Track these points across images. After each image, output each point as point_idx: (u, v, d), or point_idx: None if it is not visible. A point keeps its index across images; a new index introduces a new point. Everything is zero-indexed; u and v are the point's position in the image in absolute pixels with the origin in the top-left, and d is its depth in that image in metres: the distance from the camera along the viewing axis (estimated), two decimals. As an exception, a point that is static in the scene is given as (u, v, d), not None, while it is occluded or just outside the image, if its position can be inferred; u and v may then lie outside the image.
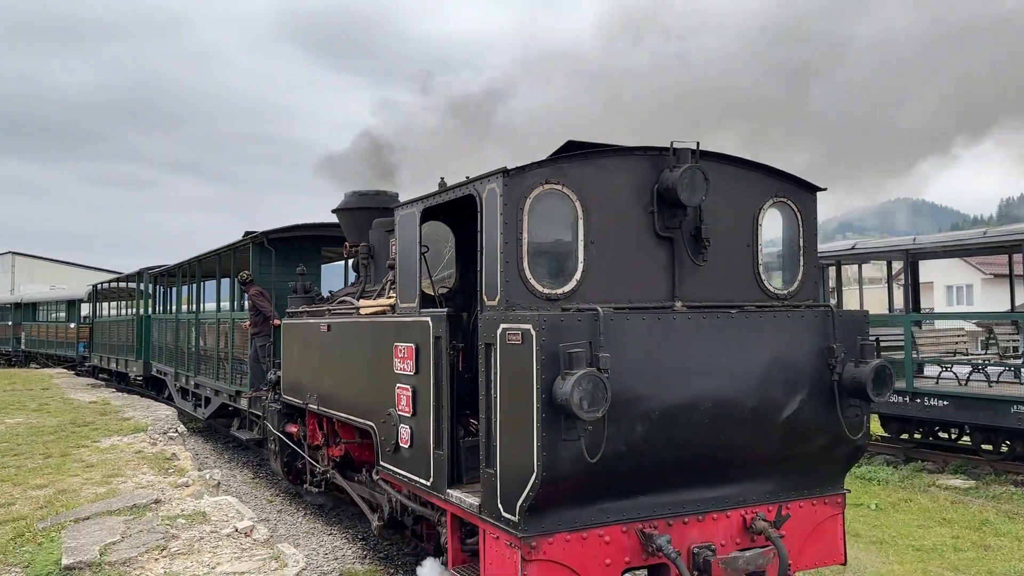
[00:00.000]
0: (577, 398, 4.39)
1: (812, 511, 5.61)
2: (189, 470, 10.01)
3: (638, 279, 5.25)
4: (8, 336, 42.42)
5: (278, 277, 11.27)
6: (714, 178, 5.31)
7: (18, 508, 8.55)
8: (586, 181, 5.09)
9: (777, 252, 6.01)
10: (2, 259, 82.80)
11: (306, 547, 8.20)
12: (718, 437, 5.11)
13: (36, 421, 14.57)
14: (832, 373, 5.43)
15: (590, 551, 4.80)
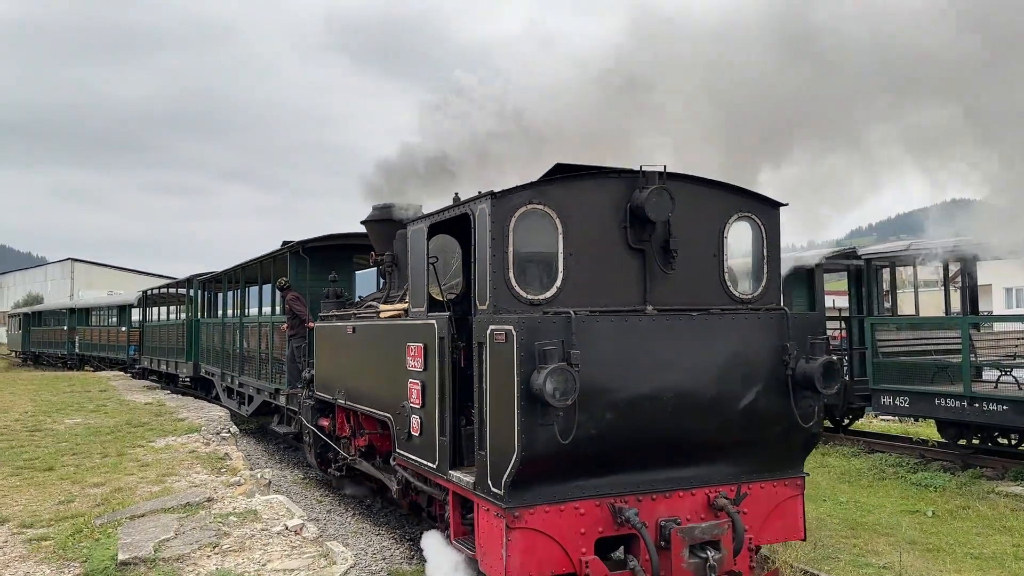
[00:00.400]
0: (550, 388, 5.18)
1: (773, 492, 6.34)
2: (241, 469, 10.19)
3: (613, 286, 6.00)
4: (63, 340, 44.10)
5: (313, 283, 12.03)
6: (681, 196, 6.06)
7: (76, 505, 8.79)
8: (565, 201, 5.85)
9: (744, 261, 6.71)
10: (62, 265, 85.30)
11: (354, 546, 8.30)
12: (681, 424, 5.86)
13: (94, 421, 14.96)
14: (786, 368, 6.13)
15: (566, 521, 5.57)
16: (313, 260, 12.30)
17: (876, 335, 12.90)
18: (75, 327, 42.57)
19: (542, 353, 5.30)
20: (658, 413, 5.78)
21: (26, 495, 9.37)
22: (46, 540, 7.59)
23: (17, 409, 16.92)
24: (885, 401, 12.69)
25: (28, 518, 8.33)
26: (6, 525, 8.12)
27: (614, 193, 6.03)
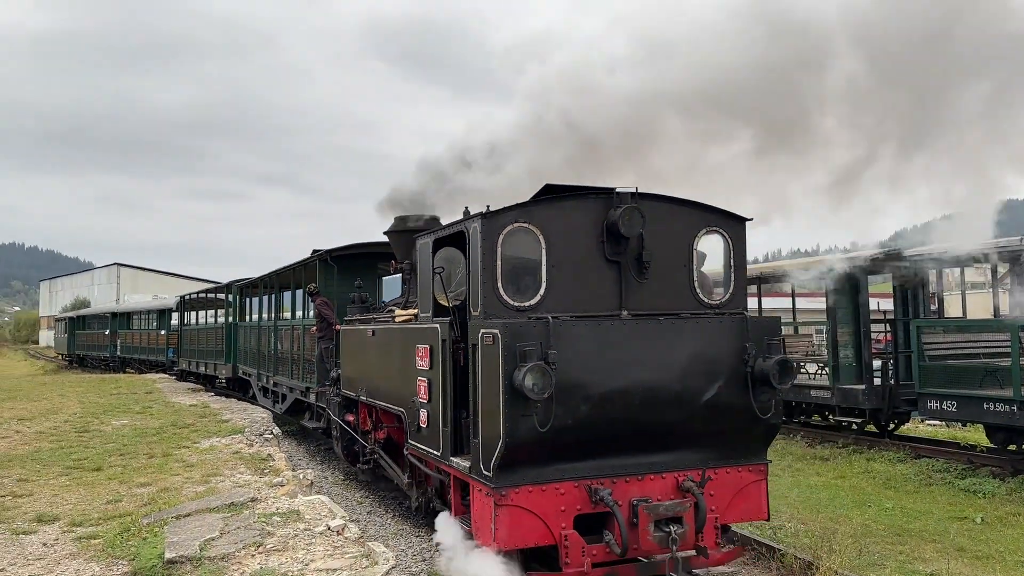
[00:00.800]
0: (529, 384, 5.93)
1: (737, 476, 6.98)
2: (284, 470, 10.31)
3: (591, 294, 6.71)
4: (106, 343, 45.65)
5: (340, 288, 12.78)
6: (652, 214, 6.78)
7: (124, 505, 8.96)
8: (548, 219, 6.59)
9: (714, 270, 7.45)
10: (108, 271, 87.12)
11: (395, 547, 8.35)
12: (651, 416, 6.56)
13: (140, 423, 15.24)
14: (746, 366, 6.79)
15: (548, 500, 6.29)
16: (340, 267, 13.19)
17: (922, 338, 12.67)
18: (117, 331, 44.13)
19: (523, 353, 6.05)
20: (630, 406, 6.49)
21: (75, 494, 9.56)
22: (95, 538, 7.74)
23: (66, 411, 17.30)
24: (932, 405, 12.45)
25: (78, 517, 8.50)
26: (56, 523, 8.30)
27: (592, 212, 6.75)
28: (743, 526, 9.40)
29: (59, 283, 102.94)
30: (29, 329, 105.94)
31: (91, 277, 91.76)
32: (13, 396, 20.97)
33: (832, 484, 11.97)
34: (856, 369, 14.58)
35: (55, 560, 7.15)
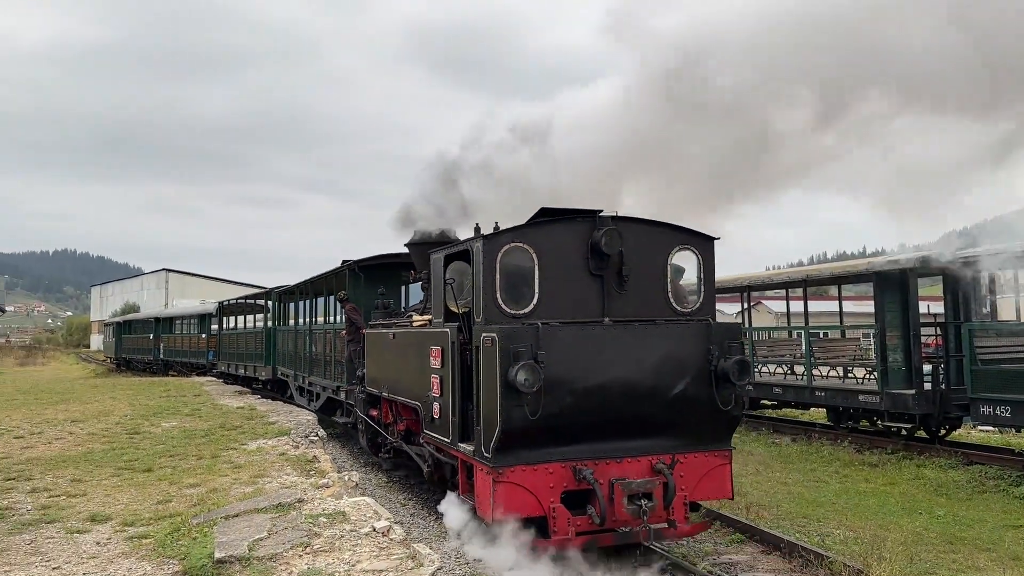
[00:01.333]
0: (520, 379, 7.01)
1: (704, 460, 7.99)
2: (329, 472, 10.41)
3: (578, 303, 7.75)
4: (150, 346, 47.54)
5: (366, 295, 13.78)
6: (631, 234, 7.83)
7: (174, 505, 9.12)
8: (540, 239, 7.66)
9: (688, 283, 8.52)
10: (157, 276, 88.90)
11: (438, 550, 8.35)
12: (628, 407, 7.58)
13: (189, 425, 15.51)
14: (710, 365, 7.80)
15: (539, 478, 7.33)
16: (367, 276, 14.26)
17: (975, 341, 12.38)
18: (160, 335, 45.83)
19: (516, 353, 7.13)
20: (610, 398, 7.52)
21: (127, 495, 9.77)
22: (146, 538, 7.89)
23: (117, 413, 17.67)
24: (985, 410, 12.16)
25: (129, 517, 8.68)
26: (109, 523, 8.48)
27: (578, 233, 7.79)
28: (788, 530, 9.29)
29: (109, 288, 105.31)
30: (81, 333, 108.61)
31: (140, 282, 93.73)
32: (66, 399, 21.48)
33: (881, 491, 11.75)
34: (905, 373, 14.29)
35: (108, 559, 7.31)
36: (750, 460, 14.12)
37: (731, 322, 8.86)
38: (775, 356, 18.51)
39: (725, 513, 10.00)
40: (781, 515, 10.35)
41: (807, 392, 16.28)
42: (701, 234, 8.35)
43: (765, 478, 12.64)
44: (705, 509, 10.07)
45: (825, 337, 19.61)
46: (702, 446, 8.01)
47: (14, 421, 16.51)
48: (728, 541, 9.23)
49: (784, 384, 17.11)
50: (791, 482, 12.39)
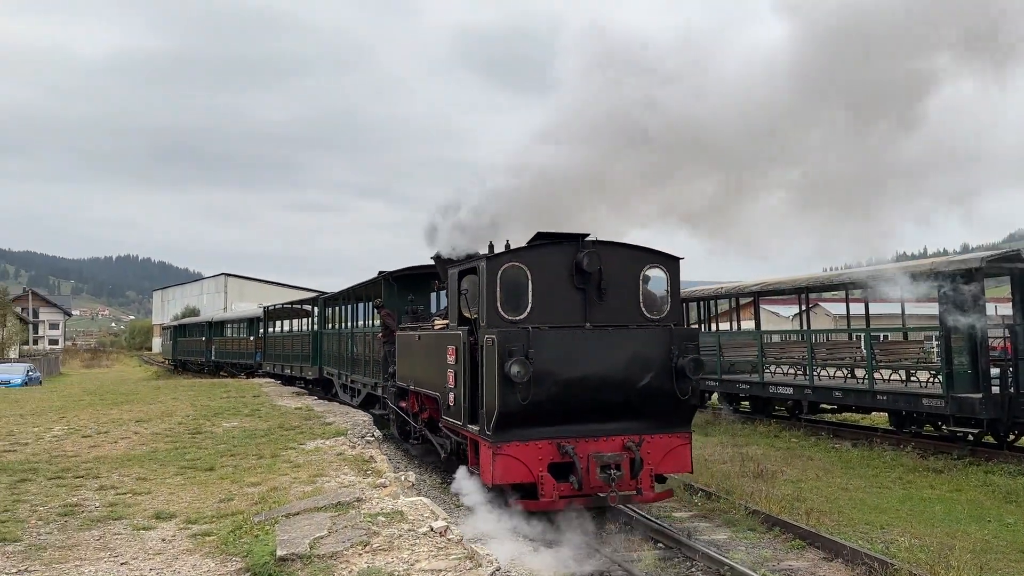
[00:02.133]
0: (513, 371, 8.77)
1: (667, 441, 9.64)
2: (386, 472, 10.51)
3: (564, 311, 9.48)
4: (203, 348, 50.25)
5: (399, 302, 15.51)
6: (608, 254, 9.58)
7: (236, 503, 9.29)
8: (533, 260, 9.44)
9: (658, 294, 10.10)
10: (216, 280, 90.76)
11: (494, 551, 8.35)
12: (603, 396, 9.31)
13: (249, 425, 15.80)
14: (671, 362, 9.52)
15: (530, 452, 9.08)
16: (400, 285, 15.98)
17: (1046, 344, 11.96)
18: (212, 338, 48.59)
19: (510, 351, 8.90)
20: (588, 388, 9.26)
21: (190, 493, 9.98)
22: (209, 535, 8.04)
23: (179, 413, 18.09)
24: (1057, 415, 11.73)
25: (193, 515, 8.86)
26: (173, 520, 8.67)
27: (564, 254, 9.53)
28: (850, 536, 9.10)
29: (170, 292, 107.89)
30: (143, 336, 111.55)
31: (200, 287, 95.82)
32: (130, 399, 22.06)
33: (947, 497, 11.43)
34: (972, 377, 13.86)
35: (173, 555, 7.47)
36: (810, 465, 13.86)
37: (689, 328, 10.82)
38: (835, 359, 18.14)
39: (784, 518, 9.85)
40: (843, 521, 10.14)
41: (868, 396, 15.92)
42: (668, 254, 10.11)
43: (825, 483, 12.40)
44: (764, 515, 9.99)
45: (886, 339, 19.16)
46: (665, 429, 9.67)
47: (82, 421, 17.01)
48: (788, 547, 9.07)
49: (844, 387, 16.76)
50: (852, 488, 12.13)
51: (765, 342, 20.04)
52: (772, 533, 9.59)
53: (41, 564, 7.18)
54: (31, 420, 17.41)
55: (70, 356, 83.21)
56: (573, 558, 8.53)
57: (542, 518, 9.43)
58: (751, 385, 19.63)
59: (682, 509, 10.94)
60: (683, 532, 9.54)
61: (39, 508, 9.17)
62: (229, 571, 6.96)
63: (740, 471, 13.07)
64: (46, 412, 19.10)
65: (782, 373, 19.25)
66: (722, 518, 10.31)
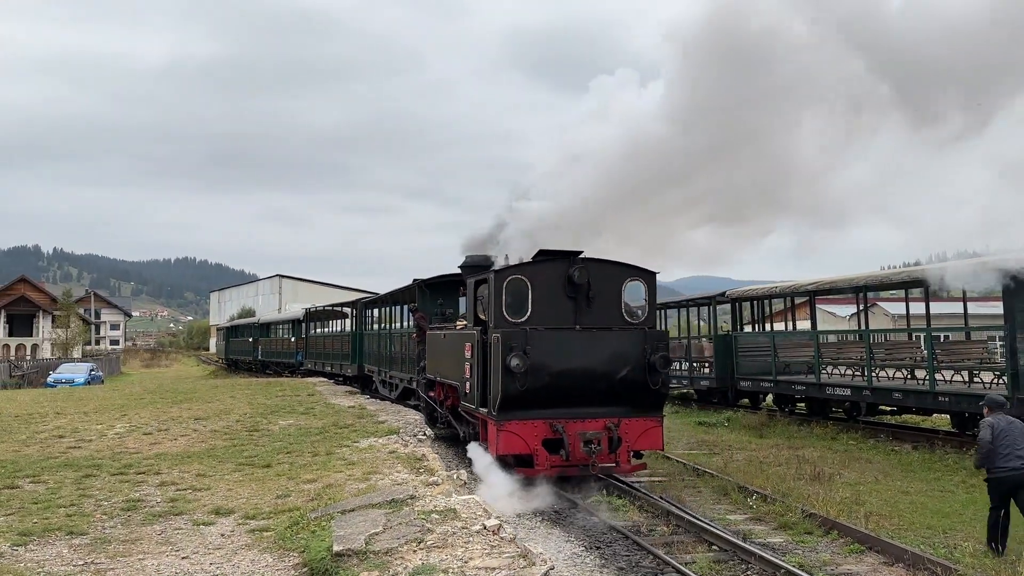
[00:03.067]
0: (513, 364, 10.81)
1: (642, 423, 11.55)
2: (438, 470, 10.58)
3: (557, 315, 11.48)
4: (250, 349, 53.11)
5: (431, 306, 17.39)
6: (595, 269, 11.60)
7: (292, 500, 9.43)
8: (533, 273, 11.53)
9: (637, 303, 12.07)
10: (271, 282, 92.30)
11: (545, 551, 8.34)
12: (589, 385, 11.30)
13: (304, 423, 16.05)
14: (645, 358, 11.46)
15: (527, 428, 11.07)
16: (432, 291, 17.82)
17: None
18: (258, 338, 51.47)
19: (511, 347, 10.97)
20: (576, 378, 11.26)
21: (248, 489, 10.16)
22: (267, 531, 8.18)
23: (237, 411, 18.44)
24: None
25: (251, 510, 9.02)
26: (232, 516, 8.84)
27: (559, 268, 11.57)
28: (911, 541, 8.89)
29: (227, 294, 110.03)
30: (201, 336, 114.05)
31: (255, 288, 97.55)
32: (190, 398, 22.56)
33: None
34: (1039, 378, 13.42)
35: (232, 550, 7.61)
36: (868, 468, 13.57)
37: (661, 331, 12.88)
38: (894, 359, 17.72)
39: (842, 521, 9.65)
40: (903, 525, 9.91)
41: (929, 397, 15.52)
42: (646, 269, 12.14)
43: (885, 487, 12.12)
44: (821, 518, 9.79)
45: (948, 339, 18.65)
46: (640, 413, 11.60)
47: (143, 419, 17.45)
48: (847, 551, 8.88)
49: (904, 389, 16.36)
50: (913, 491, 11.84)
51: (821, 342, 19.67)
52: (830, 537, 9.40)
53: (106, 557, 7.38)
54: (95, 418, 17.91)
55: (130, 356, 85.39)
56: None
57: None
58: (807, 386, 19.29)
59: (737, 511, 10.80)
60: (738, 534, 9.41)
61: (103, 503, 9.43)
62: (287, 566, 7.07)
63: (796, 474, 12.85)
64: (109, 410, 19.64)
65: (839, 374, 18.88)
66: (777, 521, 10.15)
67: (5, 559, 7.26)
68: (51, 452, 12.98)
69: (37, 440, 14.37)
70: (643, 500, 11.01)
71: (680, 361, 26.12)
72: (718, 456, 15.20)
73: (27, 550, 7.56)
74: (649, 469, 13.89)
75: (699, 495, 11.85)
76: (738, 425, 19.63)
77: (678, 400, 26.29)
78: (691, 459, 14.55)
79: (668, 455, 14.96)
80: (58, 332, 67.91)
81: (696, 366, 25.24)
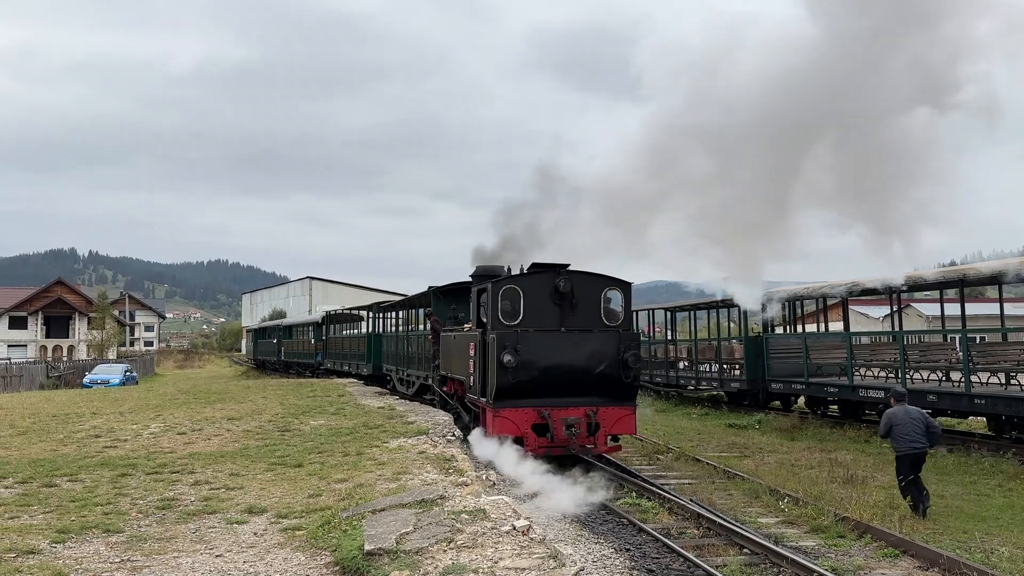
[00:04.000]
0: (505, 359, 12.92)
1: (617, 411, 13.37)
2: (467, 471, 10.59)
3: (545, 319, 13.41)
4: (274, 350, 55.99)
5: (445, 310, 19.54)
6: (578, 280, 13.60)
7: (324, 499, 9.50)
8: (525, 283, 13.56)
9: (615, 308, 14.00)
10: (301, 284, 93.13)
11: (575, 552, 8.34)
12: (571, 378, 13.18)
13: (335, 423, 16.16)
14: (620, 356, 13.35)
15: (518, 415, 12.95)
16: (445, 297, 19.95)
17: None
18: (282, 340, 54.15)
19: (504, 346, 12.99)
20: (560, 373, 13.17)
21: (280, 488, 10.25)
22: (299, 530, 8.25)
23: (269, 411, 18.61)
24: None
25: (283, 509, 9.10)
26: (264, 515, 8.92)
27: (547, 279, 13.59)
28: (946, 545, 8.76)
29: (259, 296, 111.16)
30: (233, 338, 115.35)
31: (287, 290, 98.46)
32: (223, 399, 22.81)
33: (1053, 506, 10.88)
34: (1079, 380, 13.17)
35: (265, 548, 7.69)
36: (902, 470, 13.39)
37: (634, 332, 14.62)
38: (929, 361, 17.47)
39: (876, 525, 9.54)
40: (938, 529, 9.78)
41: (965, 399, 15.29)
42: (622, 280, 14.12)
43: (920, 490, 11.95)
44: (855, 521, 9.70)
45: (984, 341, 18.35)
46: (615, 403, 13.47)
47: (177, 419, 17.68)
48: (880, 555, 8.79)
49: (939, 391, 16.13)
50: (948, 495, 11.67)
51: (854, 344, 19.44)
52: (863, 540, 9.30)
53: (142, 554, 7.49)
54: (130, 418, 18.18)
55: (164, 357, 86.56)
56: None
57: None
58: (840, 388, 19.09)
59: (768, 514, 10.72)
60: (769, 537, 9.34)
61: (139, 501, 9.56)
62: (319, 564, 7.13)
63: (829, 477, 12.72)
64: (143, 410, 19.92)
65: (872, 376, 18.66)
66: (810, 524, 10.06)
67: (45, 556, 7.40)
68: (88, 451, 13.20)
69: (74, 440, 14.62)
70: (673, 502, 10.97)
71: (710, 363, 25.98)
72: (749, 459, 15.09)
73: (65, 547, 7.69)
74: (679, 471, 13.90)
75: (730, 497, 11.77)
76: (769, 427, 19.48)
77: (708, 402, 26.13)
78: (722, 461, 14.46)
79: (698, 457, 14.90)
80: (94, 334, 69.10)
81: (726, 368, 25.08)
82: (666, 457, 15.50)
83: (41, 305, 74.06)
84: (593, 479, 12.34)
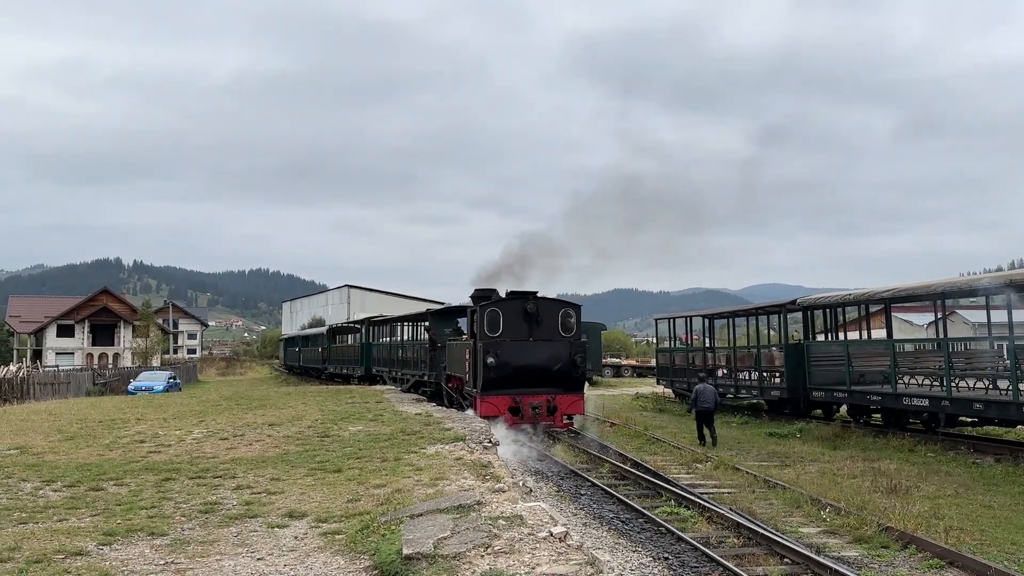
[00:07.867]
0: (488, 361, 20.02)
1: (570, 398, 20.11)
2: (504, 477, 10.59)
3: (519, 331, 20.42)
4: (296, 357, 62.85)
5: (441, 326, 27.05)
6: (542, 304, 20.73)
7: (362, 504, 9.58)
8: (503, 305, 20.78)
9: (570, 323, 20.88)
10: (340, 292, 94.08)
11: (613, 562, 8.30)
12: (536, 375, 20.11)
13: (373, 429, 16.28)
14: (572, 357, 20.37)
15: (499, 400, 19.82)
16: (440, 317, 27.89)
17: None
18: (301, 348, 61.38)
19: (488, 351, 19.93)
20: (528, 370, 19.86)
21: (320, 493, 10.36)
22: (339, 534, 8.33)
23: (309, 417, 18.81)
24: None
25: (323, 514, 9.19)
26: (304, 519, 9.02)
27: (520, 303, 20.43)
28: (994, 557, 8.57)
29: (298, 304, 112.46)
30: (273, 346, 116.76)
31: (325, 298, 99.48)
32: (263, 405, 23.10)
33: (1103, 518, 10.58)
34: None
35: (305, 552, 7.77)
36: (948, 481, 13.13)
37: (581, 341, 20.74)
38: (975, 369, 17.12)
39: (921, 536, 9.37)
40: (985, 540, 9.57)
41: (1013, 408, 14.94)
42: (574, 303, 21.07)
43: (966, 500, 11.72)
44: (899, 532, 9.55)
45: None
46: (568, 392, 19.83)
47: (219, 424, 17.95)
48: (926, 566, 8.63)
49: (986, 399, 15.79)
50: (996, 506, 11.42)
51: (898, 351, 19.13)
52: (908, 551, 9.14)
53: (185, 557, 7.62)
54: (173, 424, 18.49)
55: (207, 364, 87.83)
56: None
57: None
58: (883, 396, 18.77)
59: (810, 524, 10.58)
60: (811, 548, 9.22)
61: (182, 505, 9.73)
62: (358, 568, 7.19)
63: (872, 486, 12.52)
64: (186, 416, 20.26)
65: (916, 384, 18.32)
66: (852, 534, 9.91)
67: (92, 557, 7.56)
68: (132, 456, 13.45)
69: (119, 445, 14.91)
70: (712, 511, 10.88)
71: (749, 371, 25.70)
72: (790, 468, 14.91)
73: (112, 549, 7.85)
74: (718, 480, 13.76)
75: (770, 507, 11.64)
76: (810, 436, 19.22)
77: (747, 411, 25.85)
78: (762, 471, 14.30)
79: (738, 466, 14.75)
80: (138, 341, 70.42)
81: (766, 376, 24.79)
82: (705, 466, 15.37)
83: (87, 314, 75.73)
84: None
